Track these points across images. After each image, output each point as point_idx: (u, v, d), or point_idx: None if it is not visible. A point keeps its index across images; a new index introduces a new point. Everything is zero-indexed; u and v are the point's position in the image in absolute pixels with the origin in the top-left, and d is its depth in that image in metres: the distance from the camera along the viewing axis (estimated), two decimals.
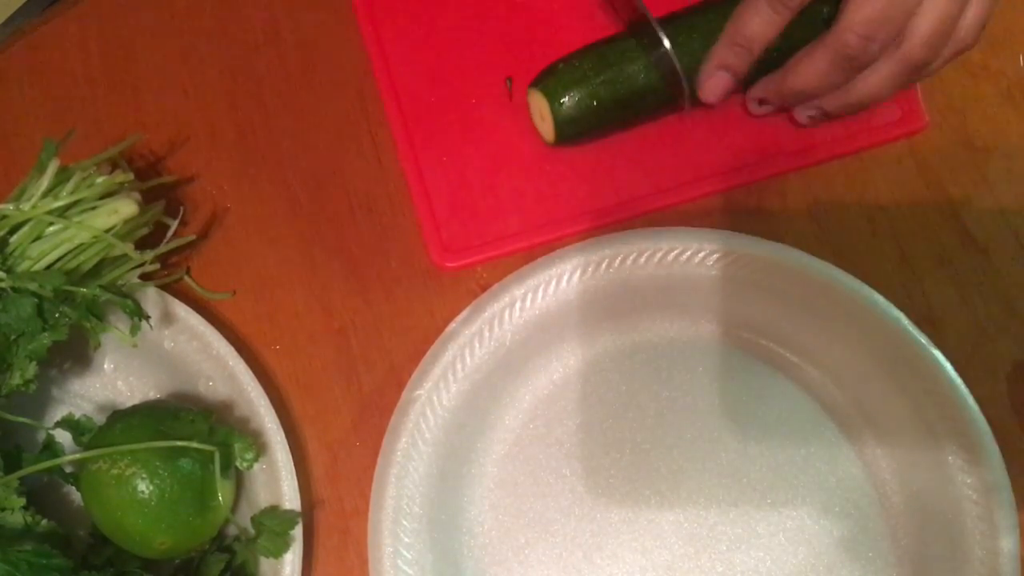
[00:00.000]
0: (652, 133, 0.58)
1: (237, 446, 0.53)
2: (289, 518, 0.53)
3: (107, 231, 0.53)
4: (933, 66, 0.51)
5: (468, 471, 0.55)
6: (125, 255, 0.54)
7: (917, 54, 0.49)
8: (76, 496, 0.56)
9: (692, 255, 0.53)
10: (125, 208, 0.54)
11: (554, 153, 0.58)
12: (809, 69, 0.51)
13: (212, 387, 0.56)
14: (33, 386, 0.51)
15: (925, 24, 0.48)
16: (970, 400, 0.49)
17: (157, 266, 0.56)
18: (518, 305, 0.54)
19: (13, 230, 0.52)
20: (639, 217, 0.57)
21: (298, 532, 0.53)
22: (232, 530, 0.55)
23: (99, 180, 0.54)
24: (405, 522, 0.52)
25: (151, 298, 0.56)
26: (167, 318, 0.56)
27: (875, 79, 0.51)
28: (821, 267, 0.52)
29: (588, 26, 0.58)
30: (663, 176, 0.57)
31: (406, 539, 0.52)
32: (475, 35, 0.60)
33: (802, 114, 0.55)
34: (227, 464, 0.52)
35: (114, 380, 0.58)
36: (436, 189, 0.58)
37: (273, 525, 0.53)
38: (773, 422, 0.54)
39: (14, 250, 0.52)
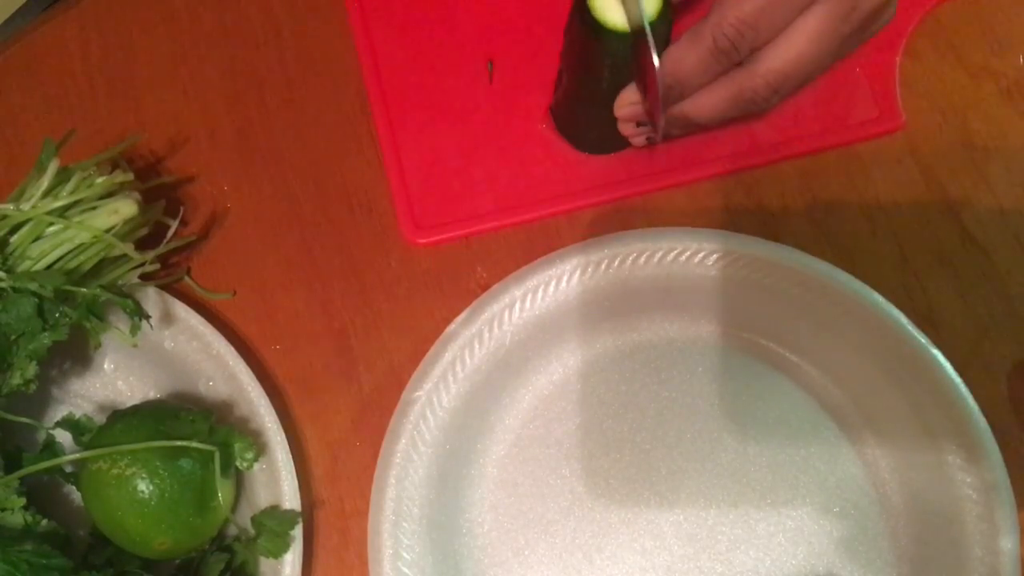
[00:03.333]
0: None
1: (237, 446, 0.53)
2: (289, 518, 0.53)
3: (107, 231, 0.53)
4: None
5: (468, 472, 0.55)
6: (125, 255, 0.54)
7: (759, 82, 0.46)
8: (76, 496, 0.56)
9: (691, 255, 0.53)
10: (125, 208, 0.54)
11: (531, 136, 0.59)
12: (687, 58, 0.46)
13: (212, 387, 0.56)
14: (33, 386, 0.51)
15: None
16: (970, 400, 0.49)
17: (157, 266, 0.56)
18: (517, 306, 0.54)
19: (13, 230, 0.52)
20: (611, 203, 0.58)
21: (298, 532, 0.53)
22: (232, 530, 0.55)
23: (99, 180, 0.54)
24: (405, 524, 0.52)
25: (151, 298, 0.56)
26: (167, 318, 0.56)
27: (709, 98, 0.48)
28: (821, 267, 0.52)
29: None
30: (636, 165, 0.58)
31: (406, 541, 0.52)
32: (459, 18, 0.61)
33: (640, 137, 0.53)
34: (227, 464, 0.52)
35: (114, 380, 0.58)
36: (411, 166, 0.59)
37: (273, 525, 0.53)
38: (773, 422, 0.54)
39: (14, 250, 0.52)
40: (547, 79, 0.58)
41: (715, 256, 0.53)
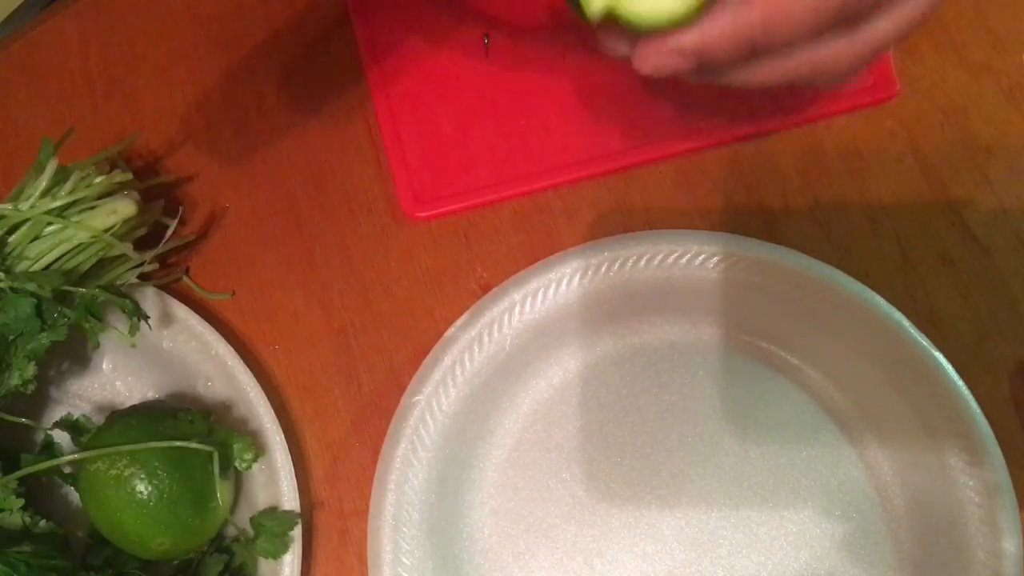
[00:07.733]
0: (622, 88, 0.58)
1: (236, 446, 0.53)
2: (288, 519, 0.53)
3: (106, 231, 0.53)
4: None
5: (468, 476, 0.55)
6: (124, 255, 0.54)
7: None
8: (75, 497, 0.56)
9: (692, 258, 0.53)
10: (124, 208, 0.54)
11: (527, 109, 0.58)
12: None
13: (211, 387, 0.56)
14: (32, 386, 0.51)
15: None
16: (971, 401, 0.49)
17: (156, 266, 0.56)
18: (517, 309, 0.54)
19: (11, 230, 0.52)
20: (610, 174, 0.58)
21: (297, 533, 0.53)
22: (231, 531, 0.55)
23: (98, 180, 0.54)
24: (405, 529, 0.52)
25: (150, 298, 0.56)
26: (166, 318, 0.56)
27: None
28: (821, 269, 0.51)
29: None
30: (632, 136, 0.58)
31: (406, 546, 0.52)
32: None
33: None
34: (226, 464, 0.52)
35: (113, 380, 0.58)
36: (410, 140, 0.59)
37: (272, 526, 0.53)
38: (774, 425, 0.54)
39: (12, 250, 0.52)
40: (543, 52, 0.58)
41: (716, 259, 0.53)
